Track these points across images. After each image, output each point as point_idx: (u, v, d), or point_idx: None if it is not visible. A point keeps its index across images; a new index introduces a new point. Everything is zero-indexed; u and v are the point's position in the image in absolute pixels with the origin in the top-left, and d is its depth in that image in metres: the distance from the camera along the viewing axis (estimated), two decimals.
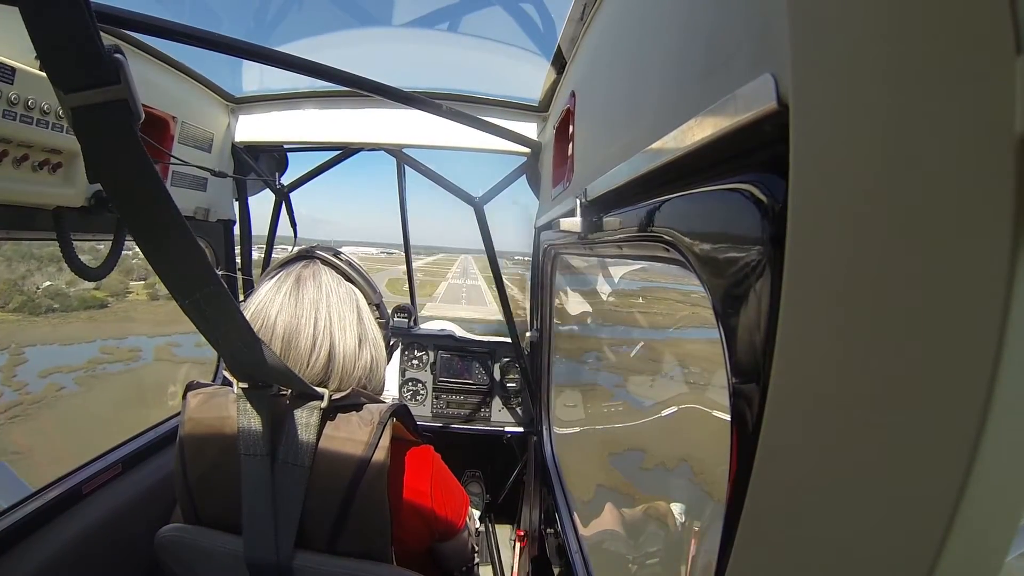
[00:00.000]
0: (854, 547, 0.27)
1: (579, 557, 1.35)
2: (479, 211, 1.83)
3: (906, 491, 0.24)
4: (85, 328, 11.09)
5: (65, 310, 11.24)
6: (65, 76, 0.48)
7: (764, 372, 0.35)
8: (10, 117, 0.91)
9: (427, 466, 0.87)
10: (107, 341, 10.70)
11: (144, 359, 10.44)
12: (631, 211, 0.69)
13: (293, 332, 0.79)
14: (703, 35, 0.49)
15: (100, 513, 1.26)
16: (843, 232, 0.28)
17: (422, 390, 2.32)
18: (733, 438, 0.40)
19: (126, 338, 11.19)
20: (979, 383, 0.20)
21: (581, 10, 1.07)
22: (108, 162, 0.53)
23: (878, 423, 0.25)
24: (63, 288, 11.10)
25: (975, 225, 0.20)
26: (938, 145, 0.22)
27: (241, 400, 0.76)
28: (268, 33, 1.66)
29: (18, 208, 1.05)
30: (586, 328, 2.03)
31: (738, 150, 0.42)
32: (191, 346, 10.13)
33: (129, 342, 11.02)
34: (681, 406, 1.50)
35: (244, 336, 0.67)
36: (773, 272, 0.35)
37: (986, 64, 0.20)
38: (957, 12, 0.21)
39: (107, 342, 10.63)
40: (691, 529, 1.22)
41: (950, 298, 0.22)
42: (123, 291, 13.01)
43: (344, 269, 0.88)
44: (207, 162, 1.62)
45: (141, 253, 0.58)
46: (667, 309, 1.70)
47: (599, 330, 1.92)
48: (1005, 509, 0.22)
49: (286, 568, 0.72)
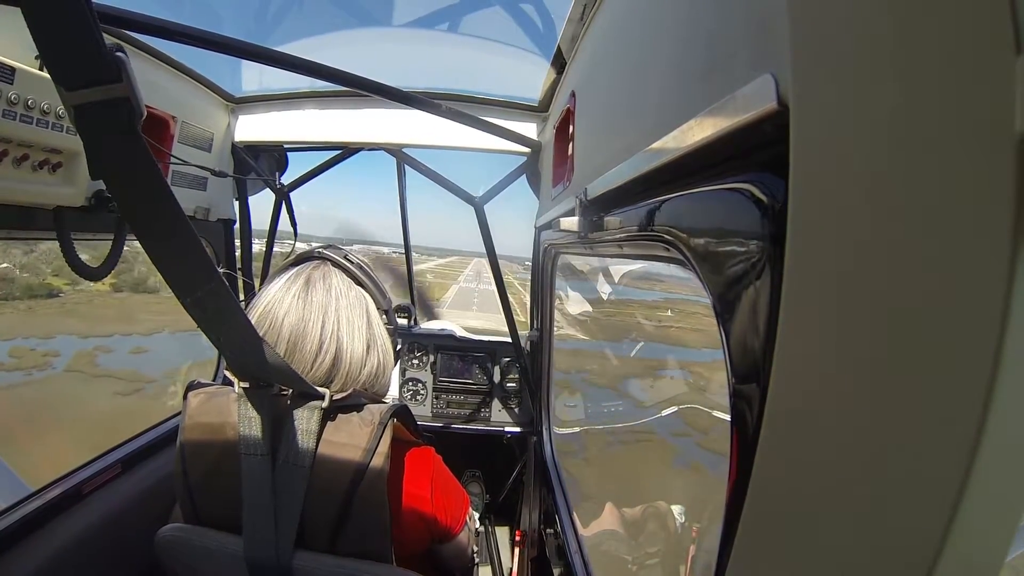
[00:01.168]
0: (854, 547, 0.27)
1: (579, 557, 1.35)
2: (479, 211, 1.83)
3: (906, 491, 0.24)
4: (12, 321, 9.10)
5: (4, 298, 9.28)
6: (67, 74, 0.48)
7: (764, 372, 0.35)
8: (10, 117, 0.91)
9: (427, 467, 0.87)
10: (28, 340, 8.71)
11: (55, 367, 8.33)
12: (631, 211, 0.69)
13: (299, 334, 0.79)
14: (703, 35, 0.49)
15: (100, 513, 1.26)
16: (843, 232, 0.28)
17: (422, 390, 2.32)
18: (733, 438, 0.40)
19: (54, 337, 9.16)
20: (979, 383, 0.20)
21: (581, 10, 1.07)
22: (110, 160, 0.54)
23: (878, 423, 0.25)
24: (11, 271, 9.22)
25: (975, 225, 0.20)
26: (938, 145, 0.22)
27: (242, 399, 0.76)
28: (268, 33, 1.66)
29: (18, 208, 1.04)
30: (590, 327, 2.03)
31: (738, 150, 0.42)
32: (124, 353, 8.75)
33: (54, 343, 8.99)
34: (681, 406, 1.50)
35: (246, 335, 0.67)
36: (773, 272, 0.35)
37: (986, 64, 0.20)
38: (957, 12, 0.21)
39: (28, 341, 8.67)
40: (691, 529, 1.22)
41: (950, 298, 0.22)
42: None
43: (354, 272, 0.88)
44: (207, 162, 1.62)
45: (144, 251, 0.58)
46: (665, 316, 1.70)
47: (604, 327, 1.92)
48: (1005, 509, 0.22)
49: (286, 568, 0.72)
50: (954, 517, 0.21)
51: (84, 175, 1.12)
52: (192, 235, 0.58)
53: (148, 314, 10.07)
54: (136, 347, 9.43)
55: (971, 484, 0.21)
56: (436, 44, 1.73)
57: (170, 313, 10.72)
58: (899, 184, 0.24)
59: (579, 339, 2.16)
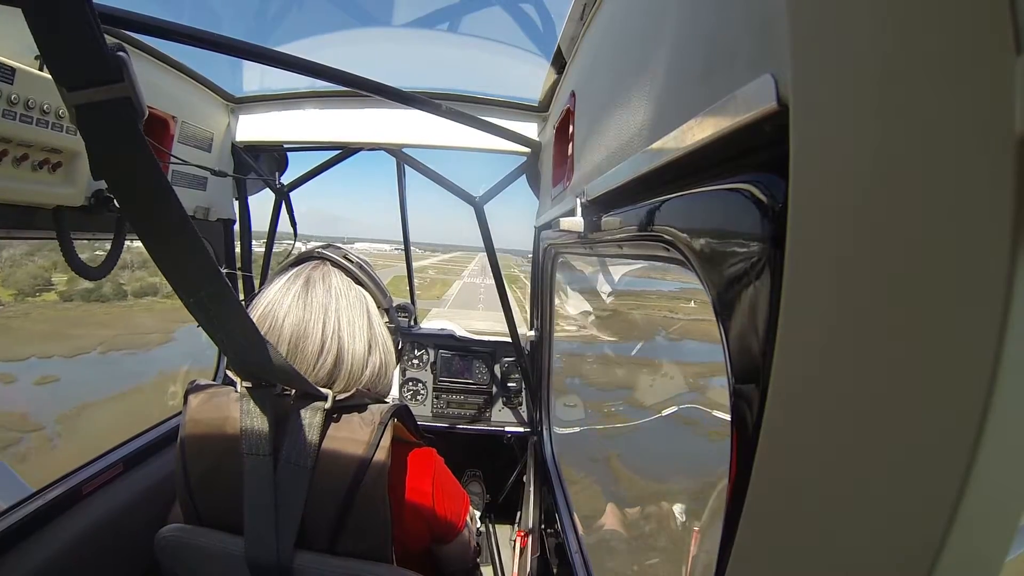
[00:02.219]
0: (854, 547, 0.27)
1: (579, 557, 1.35)
2: (479, 211, 1.84)
3: (906, 491, 0.24)
4: None
5: None
6: (69, 74, 0.48)
7: (764, 372, 0.35)
8: (10, 117, 0.91)
9: (429, 468, 0.87)
10: None
11: None
12: (631, 211, 0.69)
13: (300, 335, 0.79)
14: (703, 35, 0.49)
15: (100, 513, 1.26)
16: (843, 232, 0.28)
17: (422, 390, 2.32)
18: (733, 438, 0.40)
19: None
20: (979, 383, 0.20)
21: (581, 10, 1.07)
22: (112, 159, 0.54)
23: (878, 423, 0.25)
24: None
25: (975, 225, 0.20)
26: (938, 145, 0.22)
27: (244, 399, 0.76)
28: (268, 33, 1.66)
29: (18, 207, 1.05)
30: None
31: (738, 150, 0.42)
32: (26, 384, 7.31)
33: None
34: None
35: (249, 335, 0.67)
36: (773, 272, 0.35)
37: (986, 64, 0.20)
38: (957, 12, 0.21)
39: None
40: (691, 529, 1.22)
41: (950, 298, 0.22)
42: (43, 285, 10.22)
43: (354, 272, 0.88)
44: (207, 162, 1.62)
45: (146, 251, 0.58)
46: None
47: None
48: (1005, 509, 0.22)
49: (286, 568, 0.72)
50: (954, 517, 0.21)
51: (84, 175, 1.12)
52: (195, 235, 0.58)
53: (87, 328, 8.99)
54: (44, 376, 8.16)
55: (971, 484, 0.21)
56: (436, 44, 1.73)
57: (113, 325, 9.64)
58: (899, 184, 0.24)
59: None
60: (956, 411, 0.21)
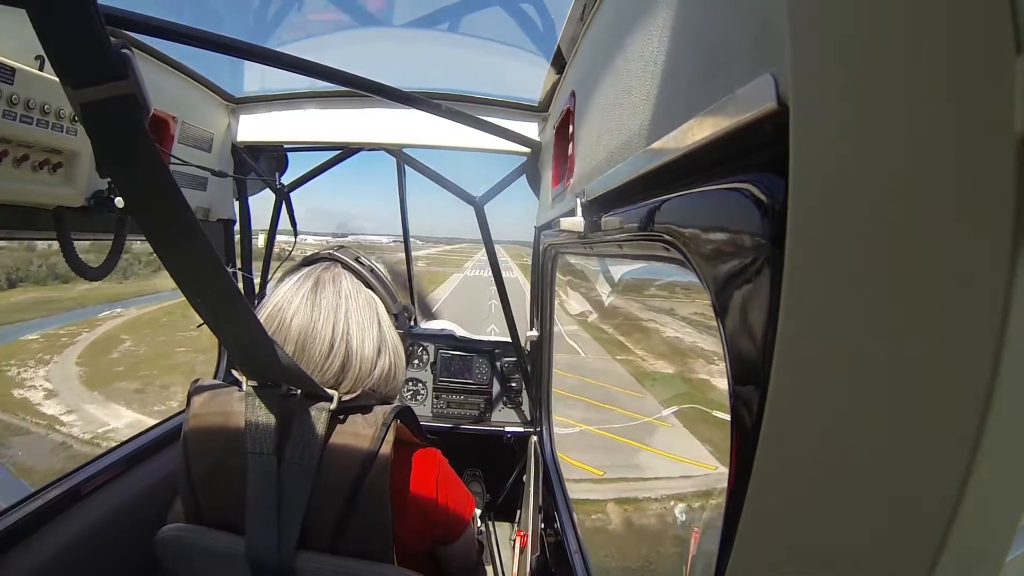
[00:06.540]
0: (854, 547, 0.27)
1: (579, 557, 1.35)
2: (479, 210, 1.83)
3: (906, 491, 0.24)
4: None
5: None
6: (74, 72, 0.48)
7: (764, 372, 0.35)
8: (10, 117, 0.91)
9: (433, 468, 0.86)
10: None
11: None
12: (631, 211, 0.69)
13: (308, 336, 0.79)
14: (703, 35, 0.49)
15: (100, 513, 1.26)
16: (843, 232, 0.28)
17: (422, 390, 2.32)
18: (733, 438, 0.40)
19: None
20: (979, 383, 0.20)
21: (581, 10, 1.07)
22: (118, 157, 0.54)
23: (878, 423, 0.25)
24: None
25: (975, 225, 0.20)
26: (938, 145, 0.22)
27: (249, 398, 0.76)
28: (268, 33, 1.66)
29: (18, 208, 1.05)
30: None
31: (738, 150, 0.42)
32: None
33: None
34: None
35: (255, 334, 0.67)
36: (773, 272, 0.35)
37: (986, 64, 0.20)
38: (957, 12, 0.21)
39: None
40: (690, 529, 1.22)
41: (950, 298, 0.22)
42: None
43: (364, 275, 0.87)
44: (207, 162, 1.62)
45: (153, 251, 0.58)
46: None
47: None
48: (1005, 509, 0.22)
49: (288, 568, 0.72)
50: (954, 517, 0.21)
51: (84, 175, 1.12)
52: (200, 233, 0.57)
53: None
54: None
55: (971, 484, 0.21)
56: (436, 44, 1.73)
57: None
58: (899, 184, 0.24)
59: None
60: (956, 411, 0.21)
